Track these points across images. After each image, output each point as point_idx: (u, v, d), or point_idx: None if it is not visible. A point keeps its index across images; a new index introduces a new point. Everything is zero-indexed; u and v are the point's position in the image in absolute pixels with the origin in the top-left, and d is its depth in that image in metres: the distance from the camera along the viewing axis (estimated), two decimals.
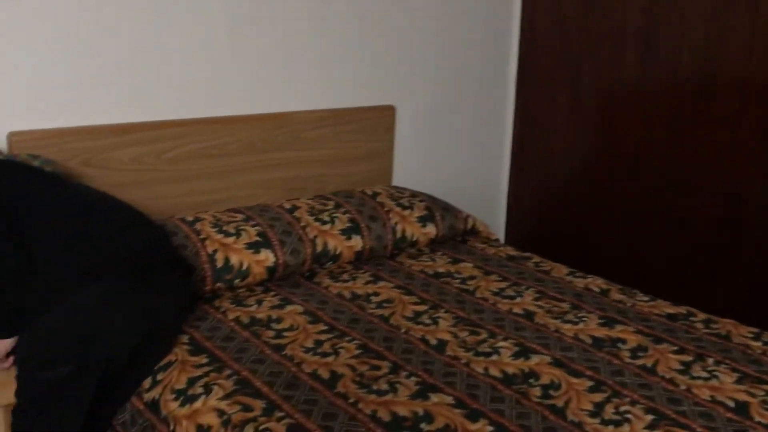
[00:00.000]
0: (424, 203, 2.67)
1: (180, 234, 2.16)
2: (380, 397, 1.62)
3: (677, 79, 2.81)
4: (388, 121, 2.91)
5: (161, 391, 1.69)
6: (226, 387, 1.65)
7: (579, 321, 2.05)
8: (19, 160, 1.84)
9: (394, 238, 2.51)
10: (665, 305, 2.19)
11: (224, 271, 2.12)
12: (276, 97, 2.62)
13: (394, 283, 2.28)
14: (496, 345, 1.89)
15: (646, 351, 1.89)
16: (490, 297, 2.21)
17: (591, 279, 2.38)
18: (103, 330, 1.62)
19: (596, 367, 1.80)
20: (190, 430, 1.55)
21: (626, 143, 3.02)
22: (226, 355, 1.80)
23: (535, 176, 3.38)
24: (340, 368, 1.74)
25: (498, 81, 3.35)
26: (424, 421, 1.54)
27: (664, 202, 2.92)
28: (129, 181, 2.28)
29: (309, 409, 1.57)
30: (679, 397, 1.68)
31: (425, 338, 1.92)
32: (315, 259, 2.32)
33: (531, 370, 1.77)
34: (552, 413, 1.60)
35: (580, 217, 3.23)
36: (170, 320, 1.80)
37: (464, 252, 2.61)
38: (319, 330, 1.95)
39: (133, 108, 2.30)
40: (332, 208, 2.48)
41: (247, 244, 2.20)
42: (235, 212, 2.35)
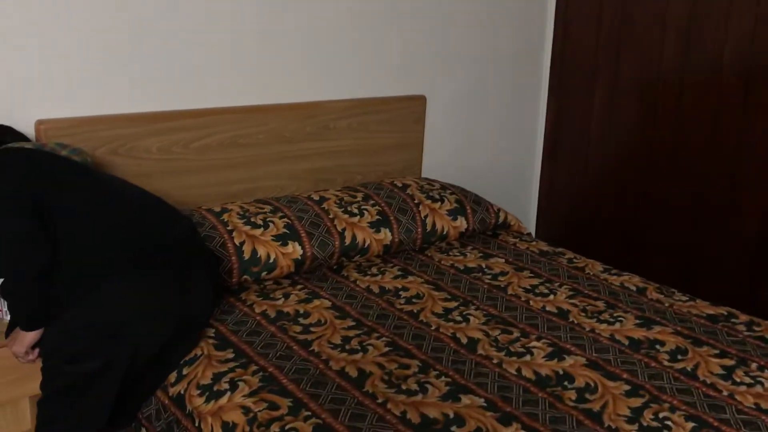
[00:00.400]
0: (454, 196, 2.61)
1: (207, 225, 2.13)
2: (409, 398, 1.58)
3: (720, 71, 2.71)
4: (419, 111, 2.85)
5: (186, 386, 1.66)
6: (252, 384, 1.62)
7: (615, 321, 1.98)
8: (48, 149, 1.81)
9: (424, 232, 2.46)
10: (705, 306, 2.11)
11: (251, 264, 2.09)
12: (305, 86, 2.57)
13: (424, 278, 2.23)
14: (529, 345, 1.83)
15: (686, 354, 1.82)
16: (522, 294, 2.14)
17: (627, 276, 2.31)
18: (133, 324, 1.60)
19: (633, 370, 1.74)
20: (216, 427, 1.52)
21: (665, 136, 2.92)
22: (252, 351, 1.76)
23: (569, 169, 3.30)
24: (368, 366, 1.70)
25: (532, 71, 3.26)
26: (454, 423, 1.49)
27: (704, 198, 2.83)
28: (156, 170, 2.26)
29: (336, 409, 1.53)
30: (722, 403, 1.61)
31: (456, 336, 1.87)
32: (343, 252, 2.27)
33: (565, 372, 1.71)
34: (587, 418, 1.54)
35: (615, 212, 3.14)
36: (199, 314, 1.77)
37: (495, 247, 2.55)
38: (347, 326, 1.91)
39: (161, 97, 2.27)
40: (361, 200, 2.43)
41: (275, 236, 2.16)
42: (263, 203, 2.32)
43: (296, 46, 2.52)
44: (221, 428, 1.51)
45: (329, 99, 2.63)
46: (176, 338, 1.71)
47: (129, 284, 1.62)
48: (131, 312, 1.61)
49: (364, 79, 2.72)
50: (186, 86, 2.31)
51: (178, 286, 1.69)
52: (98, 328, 1.59)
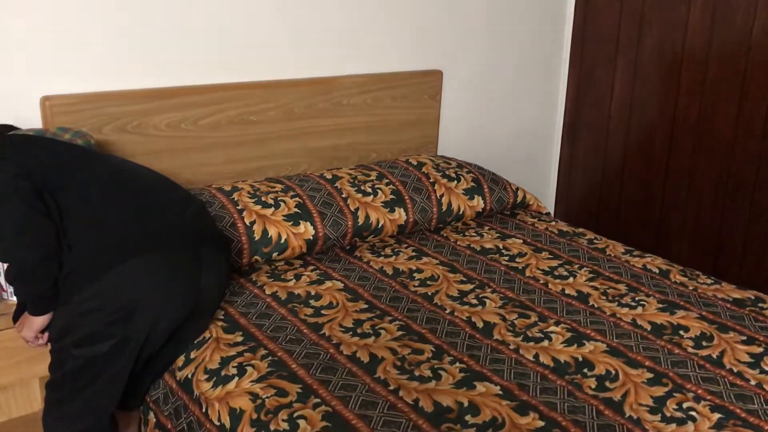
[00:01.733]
0: (471, 174, 2.54)
1: (216, 204, 2.08)
2: (422, 385, 1.53)
3: (748, 44, 2.60)
4: (435, 86, 2.77)
5: (194, 370, 1.63)
6: (261, 368, 1.58)
7: (637, 305, 1.91)
8: (50, 135, 1.77)
9: (440, 211, 2.39)
10: (730, 289, 2.03)
11: (262, 244, 2.04)
12: (318, 61, 2.50)
13: (439, 260, 2.17)
14: (547, 330, 1.77)
15: (711, 340, 1.75)
16: (540, 276, 2.08)
17: (649, 258, 2.23)
18: (144, 307, 1.56)
19: (656, 357, 1.67)
20: (223, 414, 1.49)
21: (689, 112, 2.82)
22: (262, 334, 1.72)
23: (589, 145, 3.20)
24: (380, 351, 1.65)
25: (552, 45, 3.16)
26: (469, 412, 1.44)
27: (729, 175, 2.73)
28: (165, 148, 2.20)
29: (347, 396, 1.49)
30: (749, 393, 1.54)
31: (471, 320, 1.81)
32: (356, 233, 2.22)
33: (585, 359, 1.65)
34: (607, 407, 1.48)
35: (637, 190, 3.05)
36: (211, 296, 1.73)
37: (513, 227, 2.48)
38: (359, 308, 1.86)
39: (170, 72, 2.21)
40: (375, 179, 2.37)
41: (286, 215, 2.11)
42: (274, 182, 2.26)
43: (309, 20, 2.44)
44: (228, 415, 1.47)
45: (343, 74, 2.55)
46: (188, 320, 1.67)
47: (139, 267, 1.57)
48: (142, 294, 1.56)
49: (379, 54, 2.64)
50: (195, 61, 2.24)
51: (189, 267, 1.64)
52: (108, 312, 1.55)
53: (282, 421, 1.41)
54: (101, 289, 1.55)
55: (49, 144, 1.70)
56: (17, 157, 1.60)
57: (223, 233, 1.92)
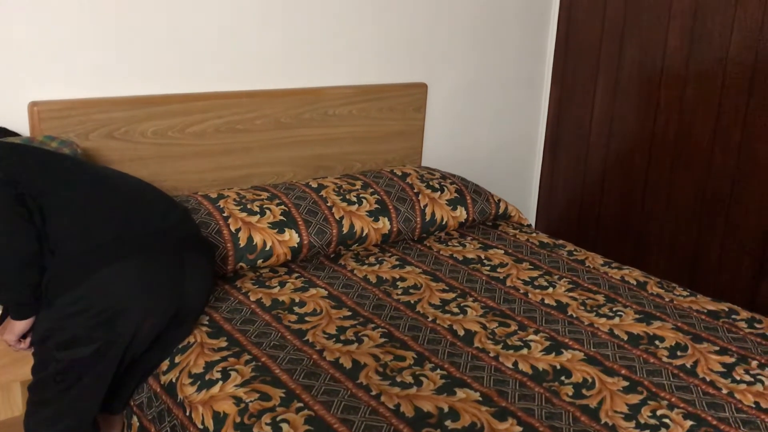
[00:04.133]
0: (455, 185, 2.58)
1: (202, 211, 2.10)
2: (404, 391, 1.55)
3: (725, 63, 2.67)
4: (420, 99, 2.81)
5: (178, 374, 1.64)
6: (245, 373, 1.60)
7: (614, 315, 1.95)
8: (36, 144, 1.78)
9: (423, 221, 2.43)
10: (705, 301, 2.08)
11: (247, 251, 2.06)
12: (304, 72, 2.53)
13: (422, 269, 2.21)
14: (526, 338, 1.81)
15: (686, 350, 1.79)
16: (521, 286, 2.12)
17: (627, 270, 2.28)
18: (127, 311, 1.57)
19: (632, 366, 1.71)
20: (206, 417, 1.50)
21: (667, 128, 2.89)
22: (246, 339, 1.74)
23: (570, 159, 3.26)
24: (363, 357, 1.68)
25: (535, 61, 3.22)
26: (449, 417, 1.47)
27: (706, 191, 2.79)
28: (152, 155, 2.22)
29: (329, 401, 1.51)
30: (721, 402, 1.59)
31: (452, 328, 1.84)
32: (340, 241, 2.24)
33: (563, 367, 1.69)
34: (584, 414, 1.52)
35: (616, 204, 3.11)
36: (195, 301, 1.75)
37: (495, 237, 2.52)
38: (342, 315, 1.88)
39: (157, 80, 2.23)
40: (360, 188, 2.40)
41: (271, 223, 2.13)
42: (260, 190, 2.29)
43: (297, 31, 2.47)
44: (212, 418, 1.49)
45: (329, 85, 2.59)
46: (171, 325, 1.68)
47: (123, 271, 1.59)
48: (126, 298, 1.58)
49: (365, 66, 2.68)
50: (183, 70, 2.27)
51: (174, 273, 1.66)
52: (91, 315, 1.56)
53: (265, 424, 1.43)
54: (84, 293, 1.56)
55: (35, 151, 1.71)
56: (2, 162, 1.61)
57: (207, 239, 1.94)
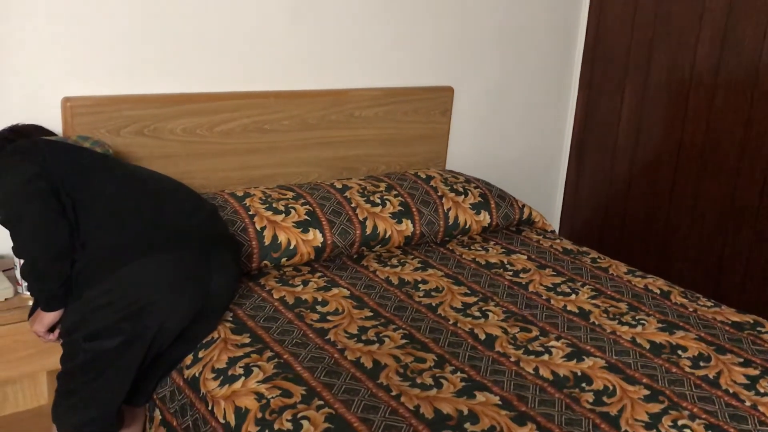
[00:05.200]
0: (479, 190, 2.58)
1: (228, 209, 2.12)
2: (424, 392, 1.56)
3: (756, 71, 2.64)
4: (446, 102, 2.82)
5: (201, 369, 1.66)
6: (267, 370, 1.62)
7: (637, 324, 1.94)
8: (71, 141, 1.83)
9: (446, 225, 2.43)
10: (730, 313, 2.06)
11: (271, 249, 2.08)
12: (332, 73, 2.55)
13: (444, 272, 2.21)
14: (548, 344, 1.81)
15: (709, 361, 1.78)
16: (543, 292, 2.11)
17: (651, 279, 2.27)
18: (154, 304, 1.60)
19: (653, 375, 1.70)
20: (228, 412, 1.52)
21: (695, 137, 2.86)
22: (269, 336, 1.76)
23: (596, 166, 3.25)
24: (383, 358, 1.69)
25: (562, 65, 3.21)
26: (468, 420, 1.47)
27: (733, 201, 2.76)
28: (180, 152, 2.26)
29: (350, 399, 1.52)
30: (744, 414, 1.57)
31: (474, 332, 1.85)
32: (363, 242, 2.26)
33: (583, 374, 1.68)
34: (604, 421, 1.51)
35: (641, 212, 3.09)
36: (220, 298, 1.77)
37: (518, 243, 2.51)
38: (364, 316, 1.89)
39: (188, 78, 2.26)
40: (384, 190, 2.41)
41: (296, 222, 2.15)
42: (286, 189, 2.31)
43: (325, 32, 2.50)
44: (233, 413, 1.51)
45: (356, 87, 2.60)
46: (196, 320, 1.71)
47: (151, 266, 1.62)
48: (153, 292, 1.60)
49: (392, 69, 2.69)
50: (212, 69, 2.30)
51: (200, 269, 1.69)
52: (119, 308, 1.59)
53: (286, 421, 1.45)
54: (112, 287, 1.59)
55: (69, 148, 1.76)
56: (38, 157, 1.66)
57: (234, 237, 1.97)
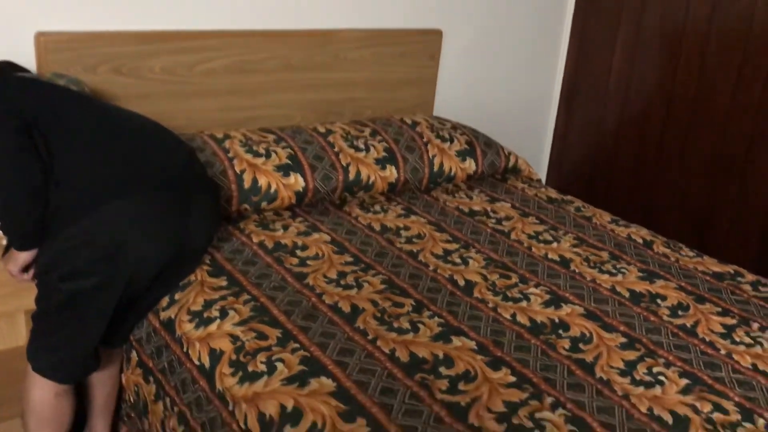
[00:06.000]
0: (465, 137, 2.55)
1: (207, 151, 2.08)
2: (400, 336, 1.56)
3: (750, 23, 2.58)
4: (434, 46, 2.75)
5: (177, 311, 1.65)
6: (243, 313, 1.60)
7: (617, 272, 1.94)
8: (45, 79, 1.77)
9: (431, 172, 2.40)
10: (712, 263, 2.06)
11: (251, 193, 2.05)
12: (318, 13, 2.48)
13: (427, 219, 2.19)
14: (526, 291, 1.80)
15: (687, 310, 1.78)
16: (525, 240, 2.10)
17: (635, 229, 2.26)
18: (131, 245, 1.57)
19: (631, 323, 1.70)
20: (203, 354, 1.52)
21: (686, 89, 2.82)
22: (246, 280, 1.74)
23: (585, 115, 3.20)
24: (361, 302, 1.68)
25: (554, 11, 3.13)
26: (443, 364, 1.47)
27: (722, 154, 2.74)
28: (159, 92, 2.20)
29: (326, 343, 1.52)
30: (718, 362, 1.58)
31: (453, 278, 1.84)
32: (346, 188, 2.23)
33: (561, 321, 1.68)
34: (579, 368, 1.52)
35: (629, 164, 3.07)
36: (198, 240, 1.75)
37: (503, 191, 2.49)
38: (344, 261, 1.88)
39: (168, 15, 2.19)
40: (368, 136, 2.37)
41: (277, 166, 2.12)
42: (267, 132, 2.26)
43: None
44: (208, 355, 1.50)
45: (342, 28, 2.53)
46: (174, 263, 1.69)
47: (127, 206, 1.59)
48: (129, 233, 1.58)
49: (380, 9, 2.61)
50: (194, 6, 2.22)
51: (178, 210, 1.66)
52: (95, 248, 1.57)
53: (260, 363, 1.45)
54: (87, 227, 1.56)
55: (44, 85, 1.71)
56: (9, 94, 1.61)
57: (213, 180, 1.93)
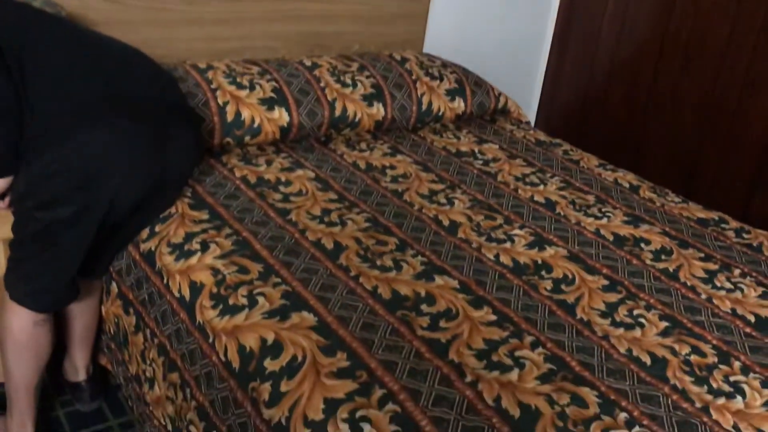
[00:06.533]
0: (455, 75, 2.49)
1: (190, 81, 2.03)
2: (383, 274, 1.55)
3: None
4: None
5: (158, 243, 1.63)
6: (224, 246, 1.58)
7: (603, 216, 1.93)
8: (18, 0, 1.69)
9: (419, 110, 2.36)
10: (697, 209, 2.06)
11: (234, 126, 2.00)
12: None
13: (413, 158, 2.16)
14: (511, 232, 1.79)
15: (670, 255, 1.78)
16: (511, 182, 2.08)
17: (622, 173, 2.24)
18: (111, 173, 1.53)
19: (614, 266, 1.70)
20: (183, 286, 1.50)
21: (681, 32, 2.76)
22: (228, 214, 1.72)
23: (577, 58, 3.15)
24: (345, 240, 1.66)
25: None
26: (425, 302, 1.47)
27: (713, 100, 2.71)
28: (141, 19, 2.12)
29: (308, 278, 1.50)
30: (698, 306, 1.59)
31: (438, 218, 1.82)
32: (332, 124, 2.19)
33: (544, 262, 1.68)
34: (560, 308, 1.52)
35: (619, 108, 3.03)
36: (178, 171, 1.71)
37: (491, 132, 2.46)
38: (328, 198, 1.85)
39: None
40: (356, 71, 2.32)
41: (261, 99, 2.07)
42: (251, 64, 2.20)
43: None
44: (189, 287, 1.49)
45: None
46: (153, 194, 1.66)
47: (105, 133, 1.54)
48: (106, 162, 1.53)
49: None
50: None
51: (157, 139, 1.61)
52: (70, 177, 1.52)
53: (241, 296, 1.43)
54: (63, 154, 1.52)
55: (17, 6, 1.63)
56: None
57: (194, 110, 1.88)
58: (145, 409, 1.66)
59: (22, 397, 1.70)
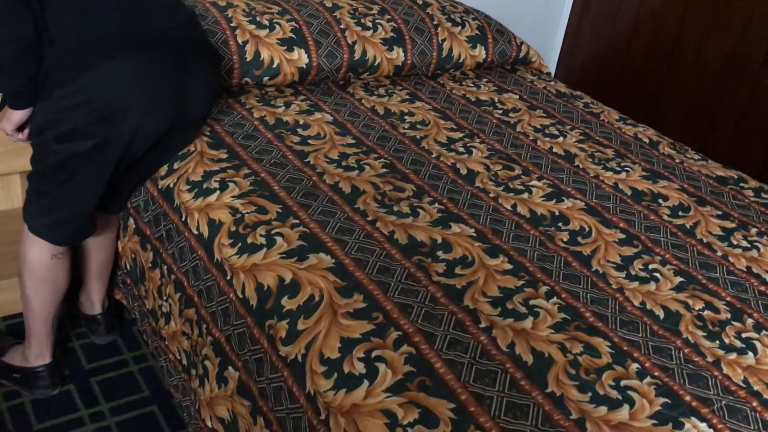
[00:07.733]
0: (477, 22, 2.45)
1: (209, 19, 2.00)
2: (400, 219, 1.55)
3: None
4: None
5: (176, 180, 1.63)
6: (243, 186, 1.59)
7: (621, 170, 1.92)
8: None
9: (439, 57, 2.32)
10: (716, 167, 2.04)
11: (253, 66, 1.98)
12: None
13: (432, 105, 2.14)
14: (528, 183, 1.79)
15: (688, 211, 1.77)
16: (531, 133, 2.06)
17: (642, 128, 2.22)
18: (131, 106, 1.52)
19: (631, 220, 1.70)
20: (202, 223, 1.51)
21: None
22: (246, 154, 1.71)
23: (601, 9, 3.08)
24: (362, 184, 1.66)
25: None
26: (441, 249, 1.47)
27: (737, 57, 2.66)
28: None
29: (325, 221, 1.51)
30: (714, 263, 1.59)
31: (455, 167, 1.81)
32: (351, 68, 2.16)
33: (561, 214, 1.67)
34: (576, 260, 1.52)
35: (641, 61, 2.98)
36: (197, 108, 1.70)
37: (511, 82, 2.43)
38: (346, 143, 1.85)
39: None
40: (377, 14, 2.28)
41: (280, 39, 2.04)
42: (272, 3, 2.16)
43: None
44: (207, 225, 1.50)
45: None
46: (172, 129, 1.65)
47: (125, 66, 1.52)
48: (127, 96, 1.52)
49: None
50: None
51: (176, 74, 1.59)
52: (90, 109, 1.51)
53: (260, 236, 1.44)
54: (84, 86, 1.51)
55: None
56: None
57: (214, 47, 1.86)
58: (160, 344, 1.69)
59: (40, 328, 1.74)
